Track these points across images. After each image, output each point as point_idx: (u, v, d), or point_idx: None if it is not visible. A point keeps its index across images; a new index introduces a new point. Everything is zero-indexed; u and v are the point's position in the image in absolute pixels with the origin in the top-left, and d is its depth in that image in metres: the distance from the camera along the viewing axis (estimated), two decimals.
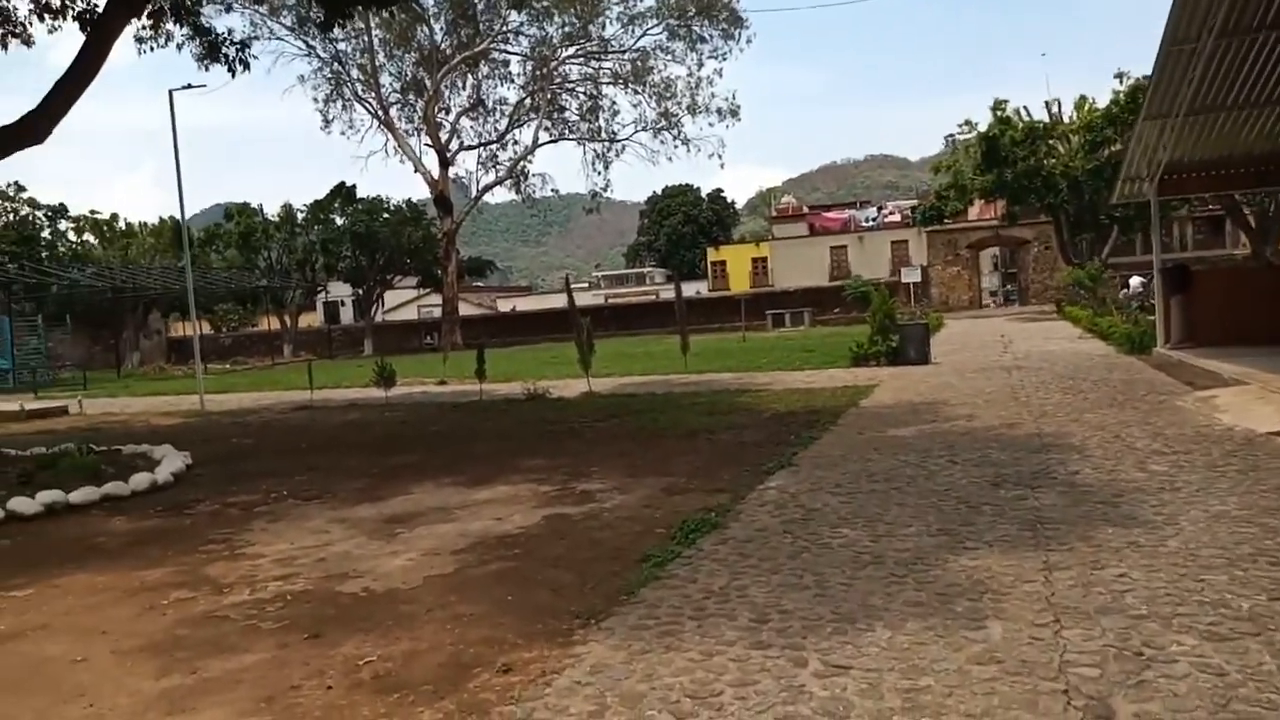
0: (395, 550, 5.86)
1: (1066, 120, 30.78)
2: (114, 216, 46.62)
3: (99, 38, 9.98)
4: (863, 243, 56.03)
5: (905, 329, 17.31)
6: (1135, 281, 31.15)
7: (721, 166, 47.36)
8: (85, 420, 16.61)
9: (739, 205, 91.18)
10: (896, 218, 61.73)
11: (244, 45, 12.81)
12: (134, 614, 4.87)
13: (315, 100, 43.84)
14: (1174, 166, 14.87)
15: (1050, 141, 29.75)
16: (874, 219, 60.58)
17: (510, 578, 5.11)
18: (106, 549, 6.48)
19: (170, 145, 18.24)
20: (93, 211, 45.53)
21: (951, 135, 34.58)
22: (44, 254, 41.19)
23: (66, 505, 7.86)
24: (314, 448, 11.38)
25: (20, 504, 7.59)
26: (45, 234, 43.13)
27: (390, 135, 44.27)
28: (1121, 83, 30.15)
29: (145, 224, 47.56)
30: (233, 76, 12.52)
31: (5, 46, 12.71)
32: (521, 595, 4.76)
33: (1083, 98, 31.14)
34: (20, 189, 42.56)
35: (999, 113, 30.04)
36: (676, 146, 43.98)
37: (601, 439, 10.36)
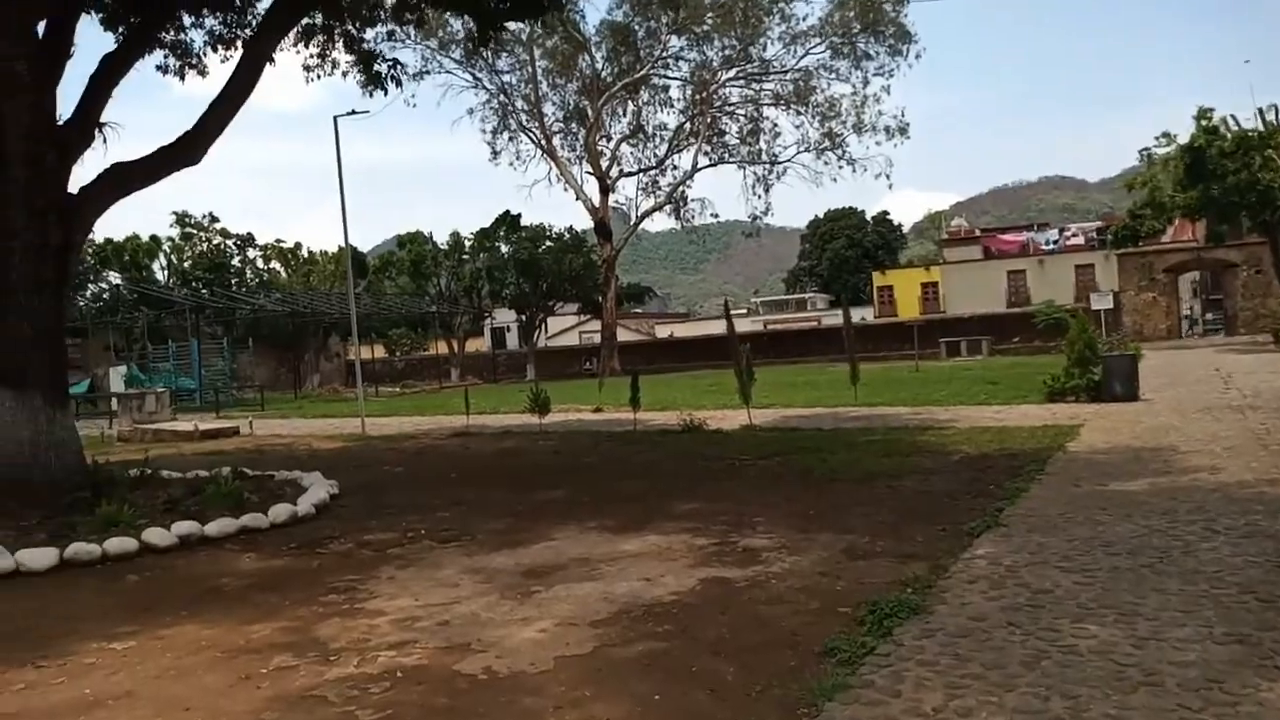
0: (528, 616, 5.02)
1: None
2: (297, 245, 49.37)
3: (251, 58, 9.90)
4: (1043, 267, 52.35)
5: (1109, 361, 15.34)
6: None
7: (890, 187, 45.82)
8: (253, 442, 16.91)
9: (905, 229, 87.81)
10: (1079, 240, 57.49)
11: (397, 63, 12.66)
12: (227, 685, 4.20)
13: (483, 131, 44.99)
14: None
15: (1266, 152, 26.45)
16: (1054, 241, 56.62)
17: (659, 666, 4.15)
18: (225, 593, 5.96)
19: (350, 176, 18.57)
20: (278, 240, 48.33)
21: (1146, 149, 31.52)
22: (233, 280, 43.89)
23: (201, 538, 7.49)
24: (463, 478, 10.84)
25: (155, 535, 7.26)
26: (235, 262, 46.00)
27: (553, 164, 44.86)
28: None
29: (326, 252, 50.10)
30: (385, 94, 12.37)
31: (183, 77, 13.00)
32: (672, 695, 3.79)
33: None
34: (214, 219, 45.65)
35: (1204, 122, 27.00)
36: (841, 167, 42.45)
37: (764, 481, 9.29)
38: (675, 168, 46.32)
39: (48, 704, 4.08)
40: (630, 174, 45.80)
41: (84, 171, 10.11)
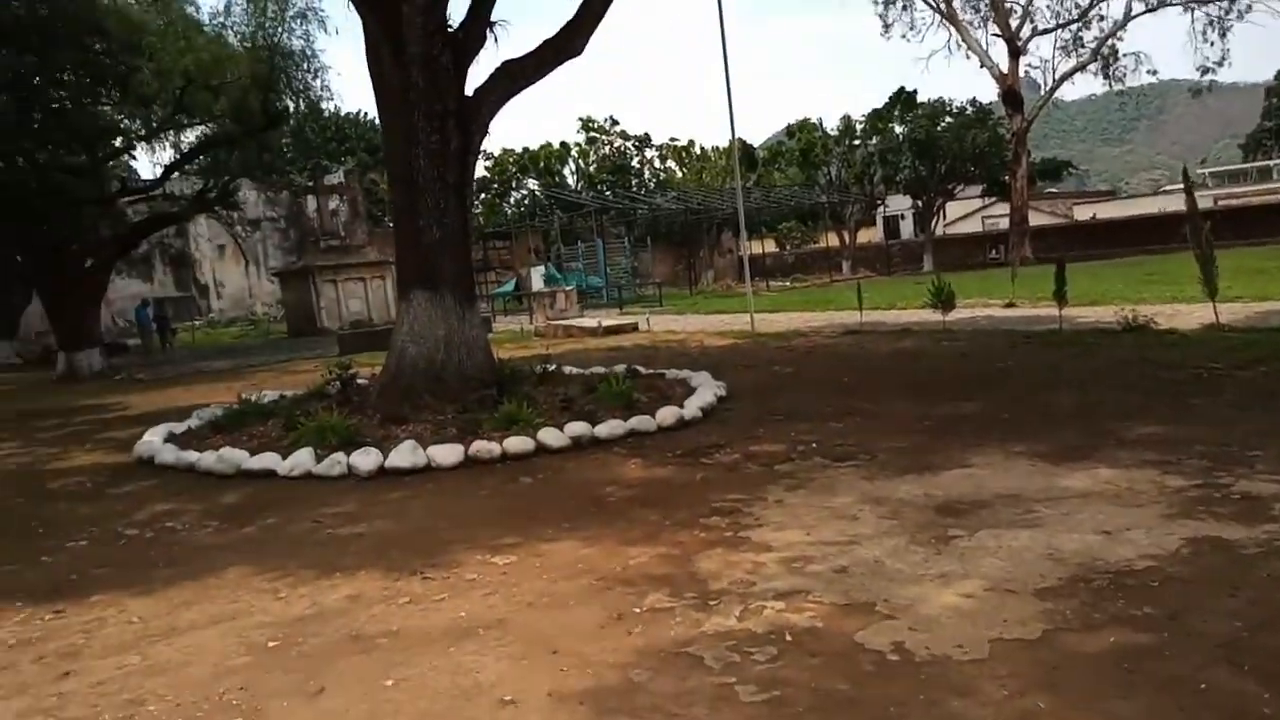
0: (947, 572, 4.01)
1: None
2: (690, 143, 50.28)
3: None
4: None
5: None
6: None
7: None
8: (649, 338, 17.29)
9: None
10: None
11: None
12: (598, 624, 3.74)
13: (875, 3, 41.86)
14: None
15: None
16: None
17: (1144, 674, 2.97)
18: (608, 505, 5.64)
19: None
20: (672, 139, 49.55)
21: None
22: (633, 181, 45.93)
23: (592, 439, 7.37)
24: (856, 383, 9.90)
25: (550, 436, 7.24)
26: (634, 163, 48.03)
27: (953, 29, 40.58)
28: None
29: (718, 148, 50.58)
30: None
31: None
32: None
33: None
34: (614, 122, 47.81)
35: None
36: None
37: (1252, 398, 7.22)
38: (1102, 18, 39.79)
39: (426, 625, 3.90)
40: (1046, 31, 40.10)
41: (478, 72, 10.33)
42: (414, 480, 6.62)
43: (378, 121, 14.17)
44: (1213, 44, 40.10)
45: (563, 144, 48.64)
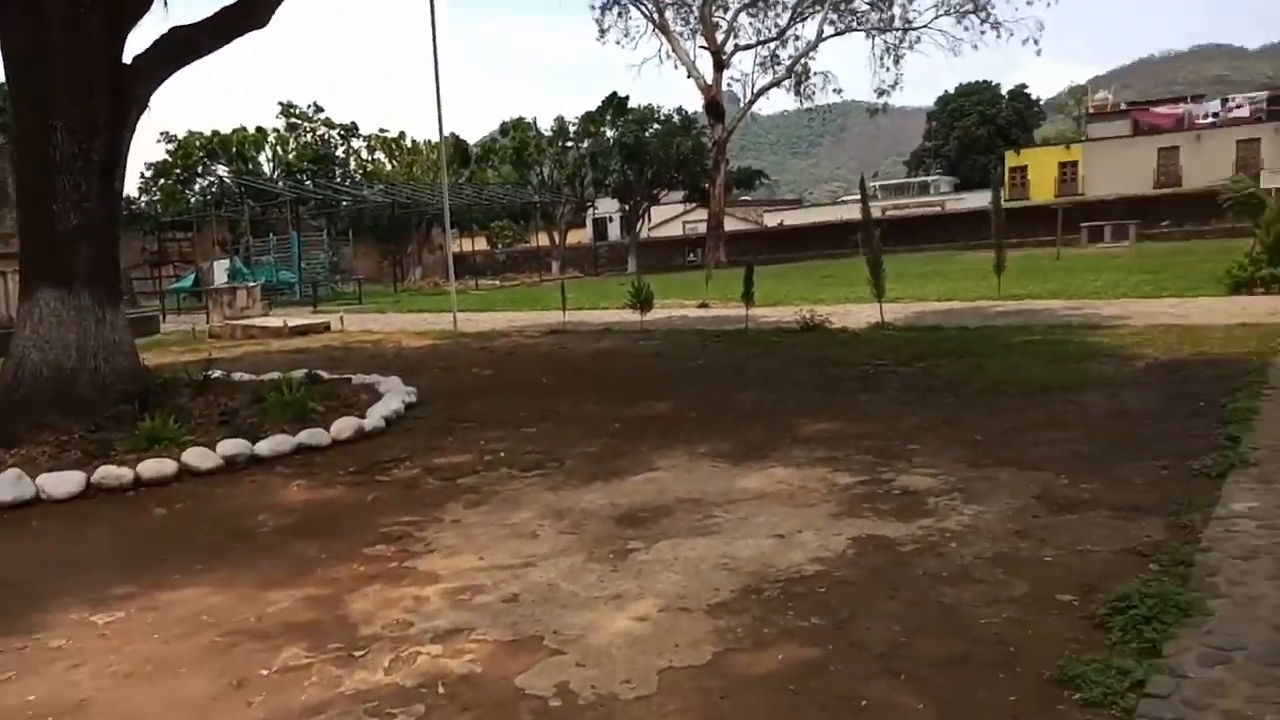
0: (622, 591, 3.74)
1: None
2: (401, 135, 48.52)
3: None
4: (1200, 142, 47.38)
5: None
6: None
7: (1038, 53, 40.29)
8: (341, 339, 16.16)
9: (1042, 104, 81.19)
10: (1244, 112, 51.82)
11: None
12: (209, 696, 3.08)
13: (592, 7, 42.52)
14: None
15: None
16: (1215, 114, 51.10)
17: (810, 694, 2.82)
18: (257, 537, 4.90)
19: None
20: (382, 130, 47.53)
21: None
22: (338, 172, 43.49)
23: (251, 458, 6.49)
24: (555, 384, 9.65)
25: (196, 456, 6.28)
26: (339, 153, 45.53)
27: (664, 38, 42.21)
28: None
29: (430, 141, 49.17)
30: None
31: None
32: None
33: None
34: (318, 109, 45.07)
35: None
36: (984, 31, 38.41)
37: (911, 393, 7.75)
38: (797, 39, 43.06)
39: None
40: (747, 47, 42.74)
41: (144, 38, 8.99)
42: (14, 518, 5.44)
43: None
44: (889, 69, 44.72)
45: (259, 129, 45.08)
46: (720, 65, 40.81)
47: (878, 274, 12.36)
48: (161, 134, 42.88)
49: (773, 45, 42.40)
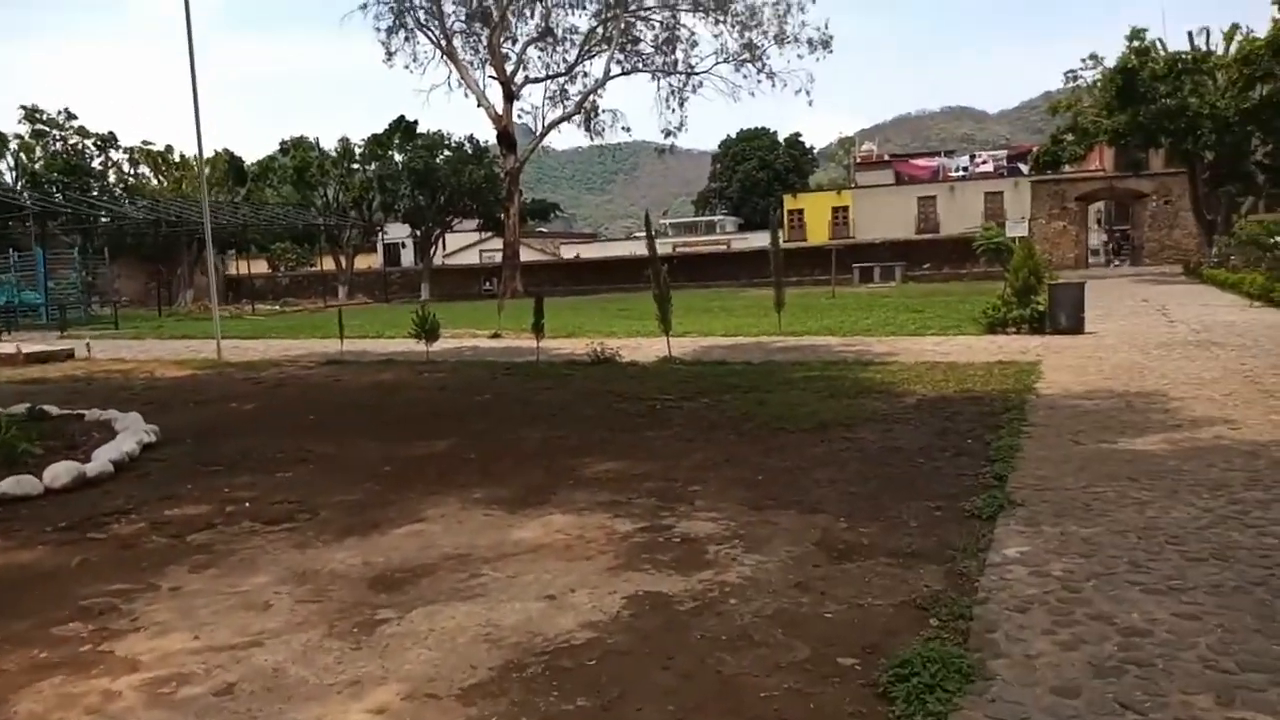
0: (362, 675, 3.21)
1: (1218, 52, 26.51)
2: (168, 148, 44.91)
3: None
4: (954, 193, 51.94)
5: (1055, 290, 14.14)
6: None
7: (810, 104, 43.34)
8: (86, 368, 14.41)
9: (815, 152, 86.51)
10: (989, 167, 57.47)
11: None
12: None
13: (377, 30, 41.26)
14: None
15: (1197, 77, 25.61)
16: (965, 168, 56.31)
17: None
18: None
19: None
20: (145, 143, 43.81)
21: (1072, 71, 30.49)
22: (94, 185, 39.59)
23: None
24: (322, 421, 8.87)
25: None
26: (96, 164, 41.51)
27: (453, 67, 41.54)
28: None
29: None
30: None
31: None
32: None
33: (1234, 26, 26.88)
34: (70, 116, 40.94)
35: (1136, 43, 25.98)
36: (760, 81, 40.37)
37: (695, 429, 7.62)
38: (585, 75, 43.61)
39: None
40: (537, 80, 42.86)
41: None
42: None
43: None
44: (674, 110, 46.08)
45: None
46: (510, 96, 40.64)
47: (665, 309, 12.36)
48: None
49: (562, 80, 42.74)
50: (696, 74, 41.18)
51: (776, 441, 7.01)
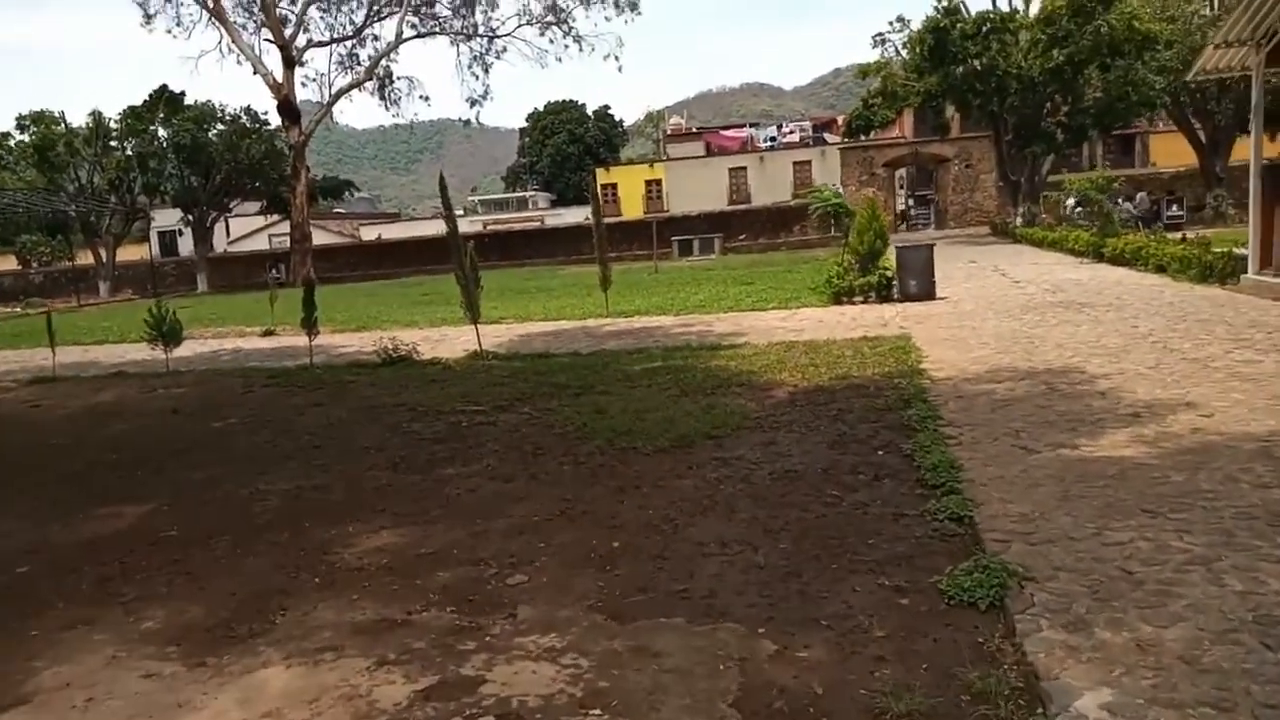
0: None
1: (1021, 11, 26.62)
2: None
3: None
4: (763, 164, 51.74)
5: (904, 254, 12.90)
6: (1070, 202, 27.74)
7: (620, 69, 41.35)
8: None
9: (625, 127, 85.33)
10: (796, 137, 57.90)
11: None
12: None
13: None
14: None
15: (1005, 37, 25.55)
16: (774, 139, 56.43)
17: None
18: None
19: None
20: None
21: (880, 34, 30.12)
22: None
23: None
24: None
25: None
26: None
27: (223, 30, 36.93)
28: None
29: None
30: None
31: None
32: None
33: None
34: None
35: (945, 3, 25.66)
36: (567, 45, 38.13)
37: (516, 459, 5.52)
38: (377, 39, 39.94)
39: None
40: (321, 44, 38.74)
41: None
42: None
43: None
44: (478, 78, 43.23)
45: None
46: (291, 62, 36.55)
47: (472, 293, 10.11)
48: None
49: (350, 44, 38.98)
50: (499, 37, 38.46)
51: (629, 471, 5.04)
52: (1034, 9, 26.44)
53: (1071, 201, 27.69)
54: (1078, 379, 6.49)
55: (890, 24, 29.28)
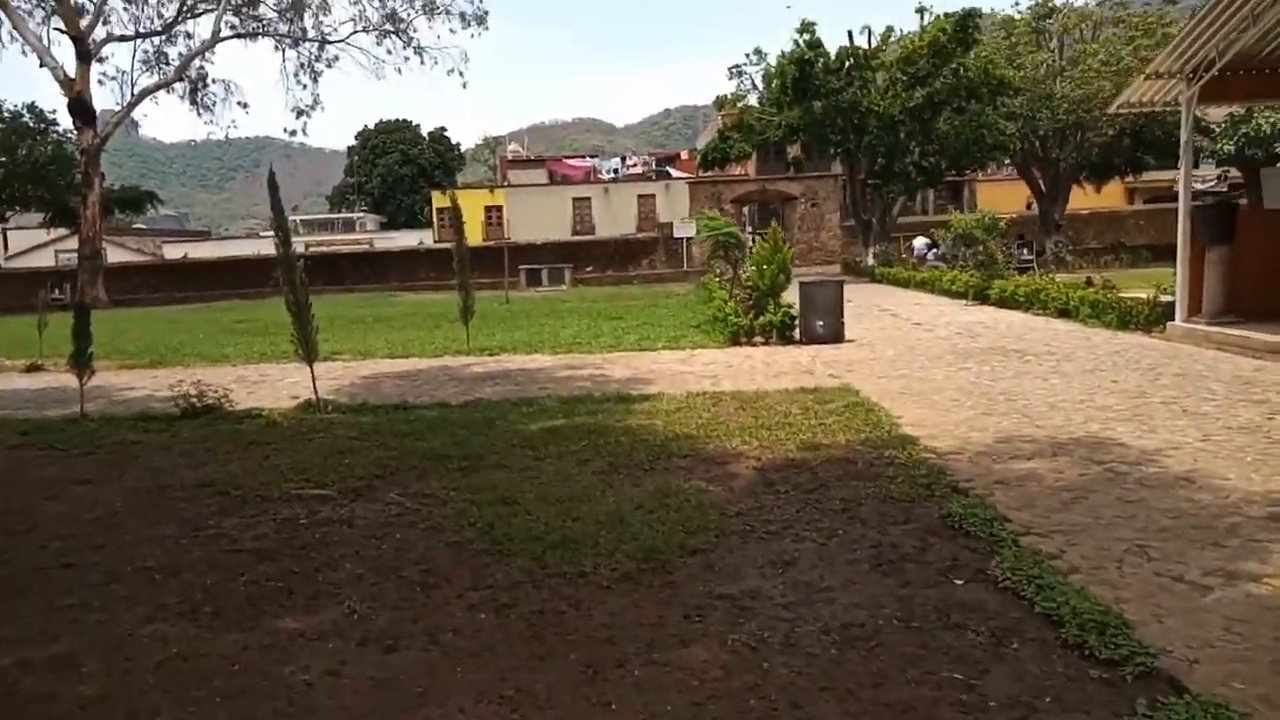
0: None
1: (885, 51, 26.48)
2: None
3: None
4: (608, 195, 50.61)
5: (811, 291, 11.52)
6: (920, 244, 27.90)
7: (464, 85, 38.81)
8: None
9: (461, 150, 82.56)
10: (639, 170, 57.23)
11: None
12: None
13: None
14: (1232, 63, 10.02)
15: (866, 74, 25.24)
16: (617, 170, 55.51)
17: None
18: None
19: None
20: None
21: (737, 66, 29.45)
22: None
23: None
24: None
25: None
26: None
27: (5, 17, 32.26)
28: (924, 17, 26.46)
29: None
30: None
31: None
32: None
33: (889, 29, 27.15)
34: None
35: (808, 36, 25.15)
36: (408, 57, 35.63)
37: (392, 599, 3.47)
38: (190, 36, 36.08)
39: None
40: (125, 38, 34.58)
41: None
42: None
43: None
44: (305, 86, 39.95)
45: None
46: (87, 56, 32.33)
47: (306, 329, 7.80)
48: None
49: (158, 40, 35.01)
50: (332, 43, 35.47)
51: (589, 626, 3.14)
52: (891, 51, 26.35)
53: (921, 242, 27.77)
54: (1133, 456, 5.07)
55: (747, 56, 28.71)
